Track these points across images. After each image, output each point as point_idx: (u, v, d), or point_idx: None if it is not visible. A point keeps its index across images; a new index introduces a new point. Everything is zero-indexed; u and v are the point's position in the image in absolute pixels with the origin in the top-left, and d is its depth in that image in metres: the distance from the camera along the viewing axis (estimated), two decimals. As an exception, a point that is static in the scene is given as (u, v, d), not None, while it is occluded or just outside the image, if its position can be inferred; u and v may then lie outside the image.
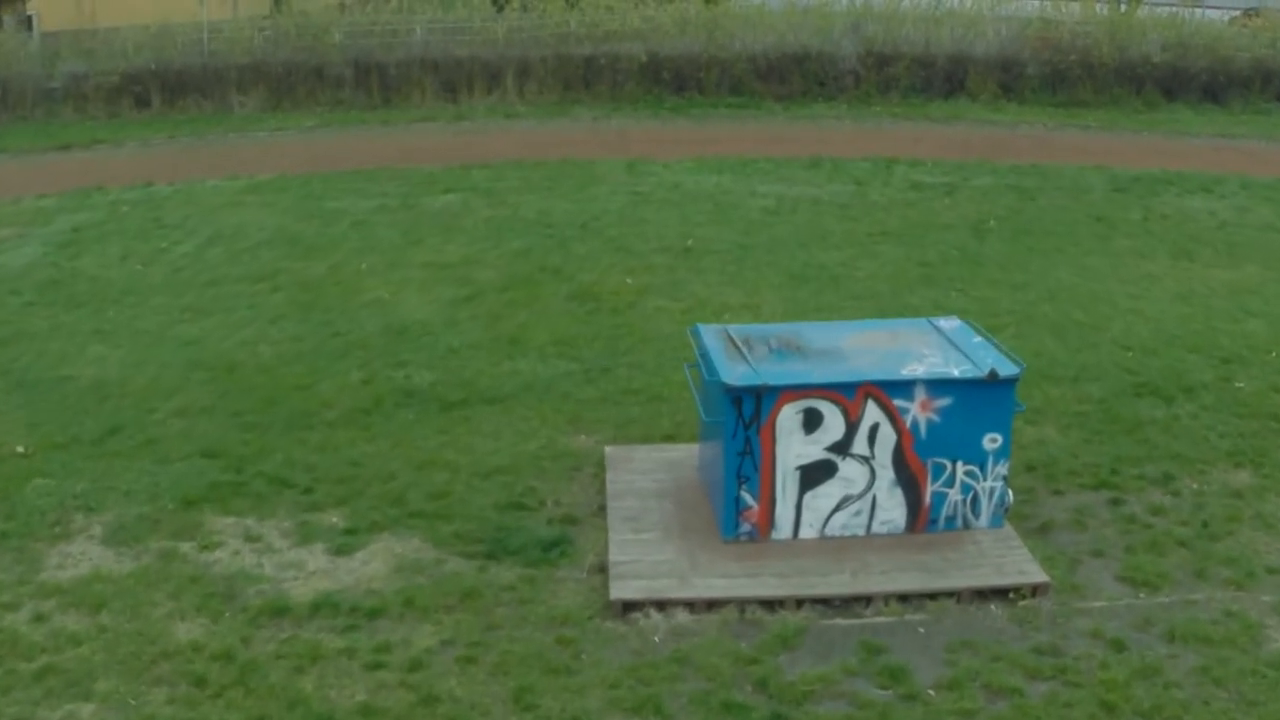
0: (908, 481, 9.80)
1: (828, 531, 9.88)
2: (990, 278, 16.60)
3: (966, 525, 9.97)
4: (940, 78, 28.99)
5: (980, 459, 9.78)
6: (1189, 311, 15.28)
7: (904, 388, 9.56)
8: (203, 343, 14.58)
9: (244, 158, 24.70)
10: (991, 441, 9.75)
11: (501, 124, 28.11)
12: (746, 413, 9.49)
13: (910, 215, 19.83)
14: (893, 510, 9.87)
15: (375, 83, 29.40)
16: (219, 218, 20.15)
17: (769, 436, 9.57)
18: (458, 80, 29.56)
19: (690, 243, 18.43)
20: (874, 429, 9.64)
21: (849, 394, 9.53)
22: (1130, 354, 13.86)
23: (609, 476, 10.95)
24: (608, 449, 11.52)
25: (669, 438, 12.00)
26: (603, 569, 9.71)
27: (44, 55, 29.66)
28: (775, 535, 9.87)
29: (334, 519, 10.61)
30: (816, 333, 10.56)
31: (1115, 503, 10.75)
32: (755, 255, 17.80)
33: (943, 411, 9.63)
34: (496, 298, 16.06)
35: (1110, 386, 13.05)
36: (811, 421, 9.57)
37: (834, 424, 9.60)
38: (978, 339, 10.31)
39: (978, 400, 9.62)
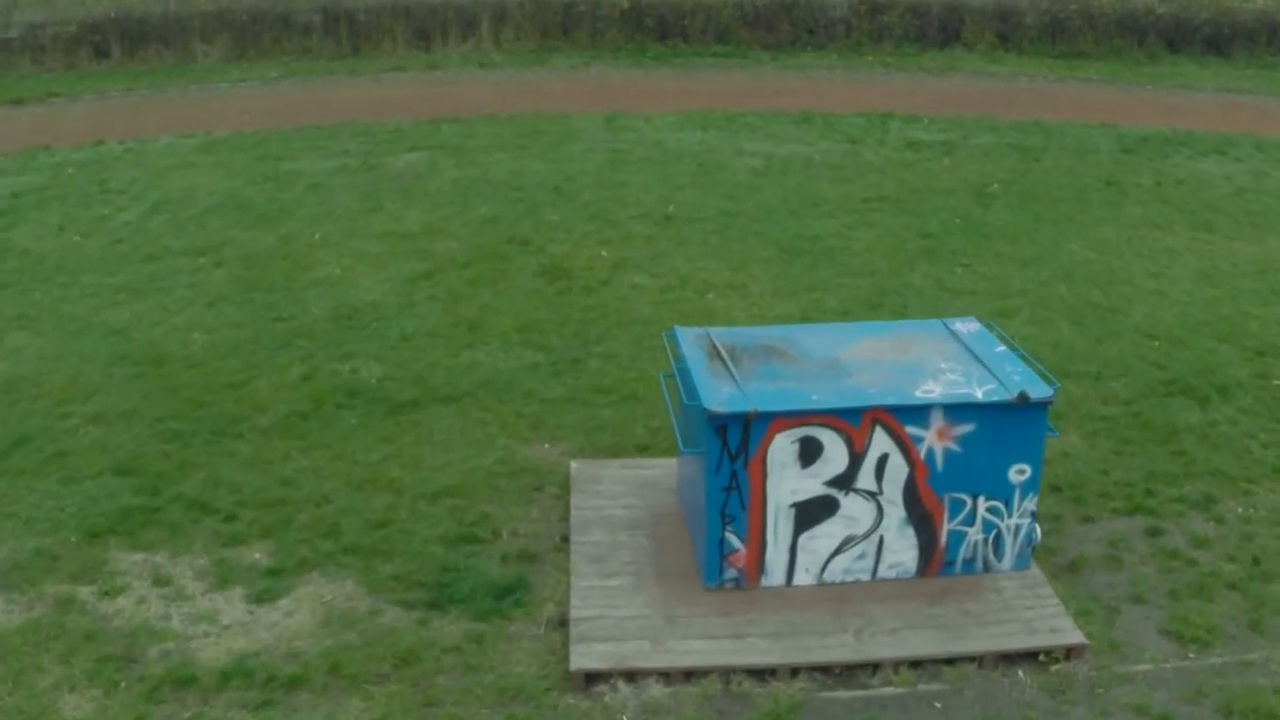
0: (921, 520, 8.17)
1: (827, 577, 8.26)
2: (997, 251, 14.91)
3: (987, 568, 8.36)
4: (935, 26, 27.11)
5: (1005, 493, 8.16)
6: (1215, 294, 13.62)
7: (919, 413, 7.91)
8: (132, 331, 12.85)
9: (203, 112, 22.83)
10: (1019, 473, 8.12)
11: (476, 74, 26.20)
12: (733, 443, 7.83)
13: (908, 178, 18.10)
14: (903, 552, 8.25)
15: (344, 30, 27.43)
16: (168, 181, 18.34)
17: (759, 470, 7.92)
18: (431, 27, 27.60)
19: (671, 209, 16.72)
20: (882, 460, 8.00)
21: (854, 420, 7.88)
22: (1156, 344, 12.21)
23: (574, 501, 9.30)
24: (573, 465, 9.86)
25: (643, 449, 10.35)
26: (563, 623, 8.08)
27: (1, 4, 27.61)
28: (766, 582, 8.25)
29: (257, 554, 8.96)
30: (814, 339, 8.87)
31: (1153, 532, 9.15)
32: (741, 224, 16.08)
33: (963, 440, 7.99)
34: (458, 275, 14.33)
35: (1137, 384, 11.40)
36: (809, 452, 7.92)
37: (836, 455, 7.95)
38: (1000, 348, 8.64)
39: (1005, 427, 7.98)
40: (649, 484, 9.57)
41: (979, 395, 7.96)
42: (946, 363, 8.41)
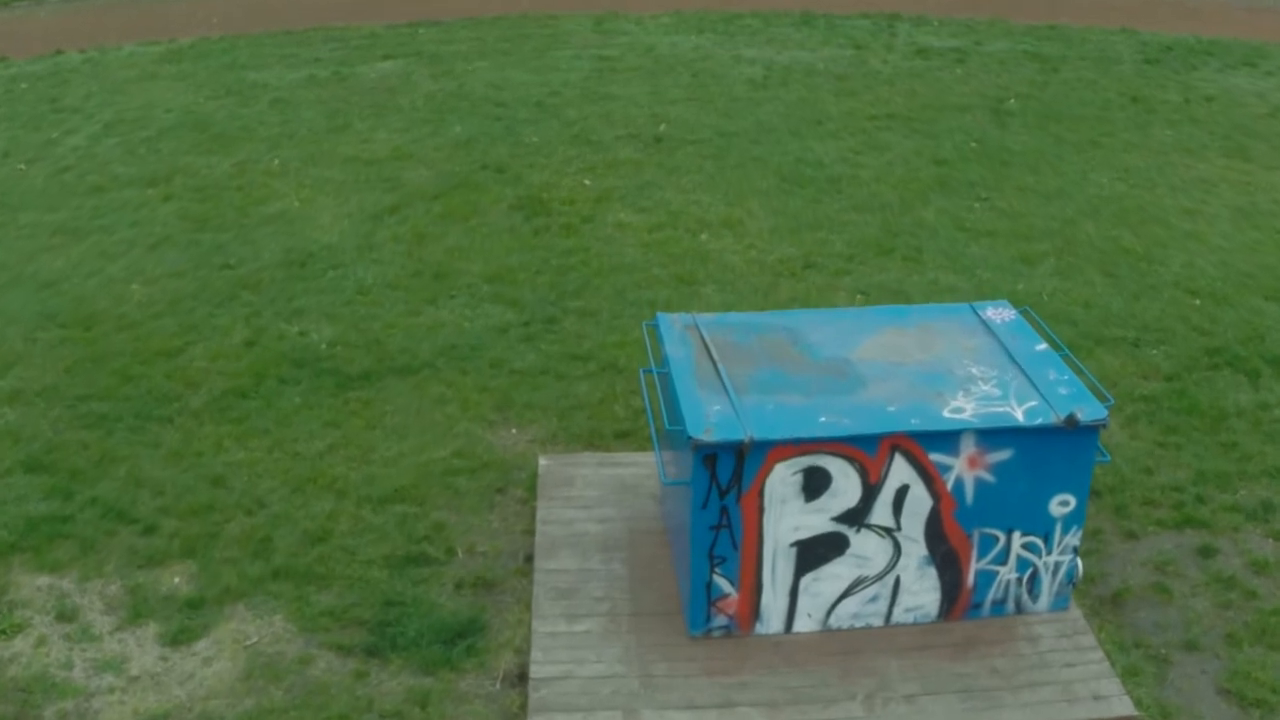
0: (945, 558, 6.72)
1: (833, 623, 6.84)
2: (1018, 182, 13.25)
3: (1020, 609, 6.94)
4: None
5: (1045, 527, 6.71)
6: (1257, 237, 12.02)
7: (947, 439, 6.42)
8: (64, 284, 11.29)
9: (171, 15, 20.94)
10: (1062, 505, 6.66)
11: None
12: (723, 476, 6.35)
13: (918, 91, 16.35)
14: (923, 594, 6.82)
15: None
16: (124, 96, 16.61)
17: (754, 505, 6.45)
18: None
19: (662, 128, 15.05)
20: (902, 492, 6.53)
21: (869, 448, 6.39)
22: (1197, 303, 10.66)
23: (540, 512, 7.85)
24: (542, 462, 8.39)
25: (623, 436, 8.87)
26: (522, 677, 6.68)
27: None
28: (761, 629, 6.83)
29: (177, 579, 7.55)
30: (821, 330, 7.34)
31: (1205, 552, 7.71)
32: (739, 147, 14.40)
33: (999, 468, 6.51)
34: (425, 209, 12.71)
35: (1180, 354, 9.87)
36: (815, 484, 6.44)
37: (846, 487, 6.47)
38: (1040, 346, 7.12)
39: (1048, 452, 6.50)
40: (627, 488, 8.10)
41: (1019, 416, 6.45)
42: (979, 366, 6.89)
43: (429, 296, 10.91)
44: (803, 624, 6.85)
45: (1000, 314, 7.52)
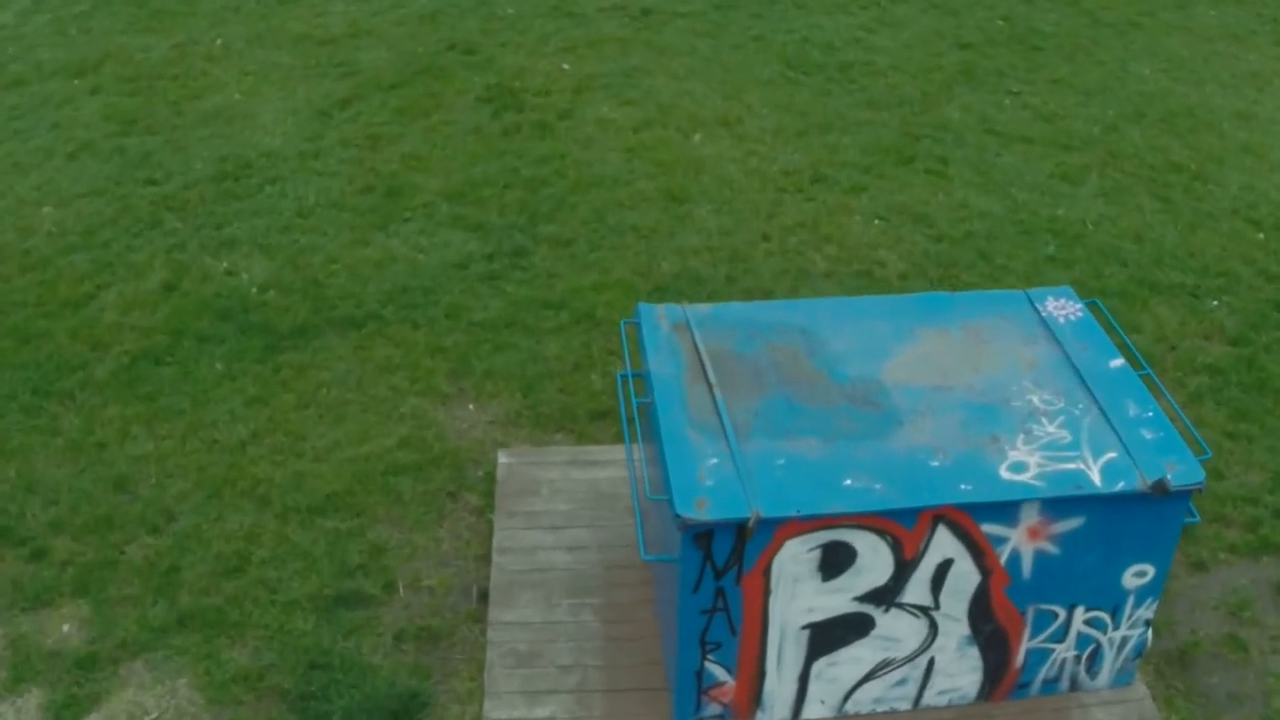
0: (991, 638, 5.28)
1: (851, 708, 5.41)
2: (1052, 73, 11.43)
3: (1075, 686, 5.50)
4: None
5: (1114, 601, 5.27)
6: (1323, 146, 10.26)
7: (1005, 510, 4.88)
8: (-40, 201, 9.53)
9: None
10: (1138, 576, 5.19)
11: None
12: (720, 555, 4.86)
13: (933, -47, 14.23)
14: (961, 676, 5.39)
15: None
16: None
17: (758, 586, 4.98)
18: None
19: (653, -7, 13.01)
20: (943, 568, 5.06)
21: (907, 522, 4.86)
22: (1261, 237, 9.03)
23: (497, 536, 6.38)
24: (502, 460, 6.87)
25: (599, 416, 7.33)
26: (472, 778, 5.29)
27: None
28: (763, 718, 5.38)
29: (66, 626, 6.13)
30: (844, 330, 5.76)
31: (1290, 587, 6.26)
32: (738, 22, 12.47)
33: (1065, 539, 5.02)
34: (381, 103, 10.89)
35: (1246, 306, 8.30)
36: (835, 561, 4.96)
37: (875, 563, 5.00)
38: (1115, 362, 5.56)
39: (1127, 520, 4.99)
40: (603, 497, 6.61)
41: (1096, 478, 4.92)
42: (1042, 392, 5.33)
43: (379, 219, 9.22)
44: (814, 710, 5.43)
45: (1063, 308, 5.90)
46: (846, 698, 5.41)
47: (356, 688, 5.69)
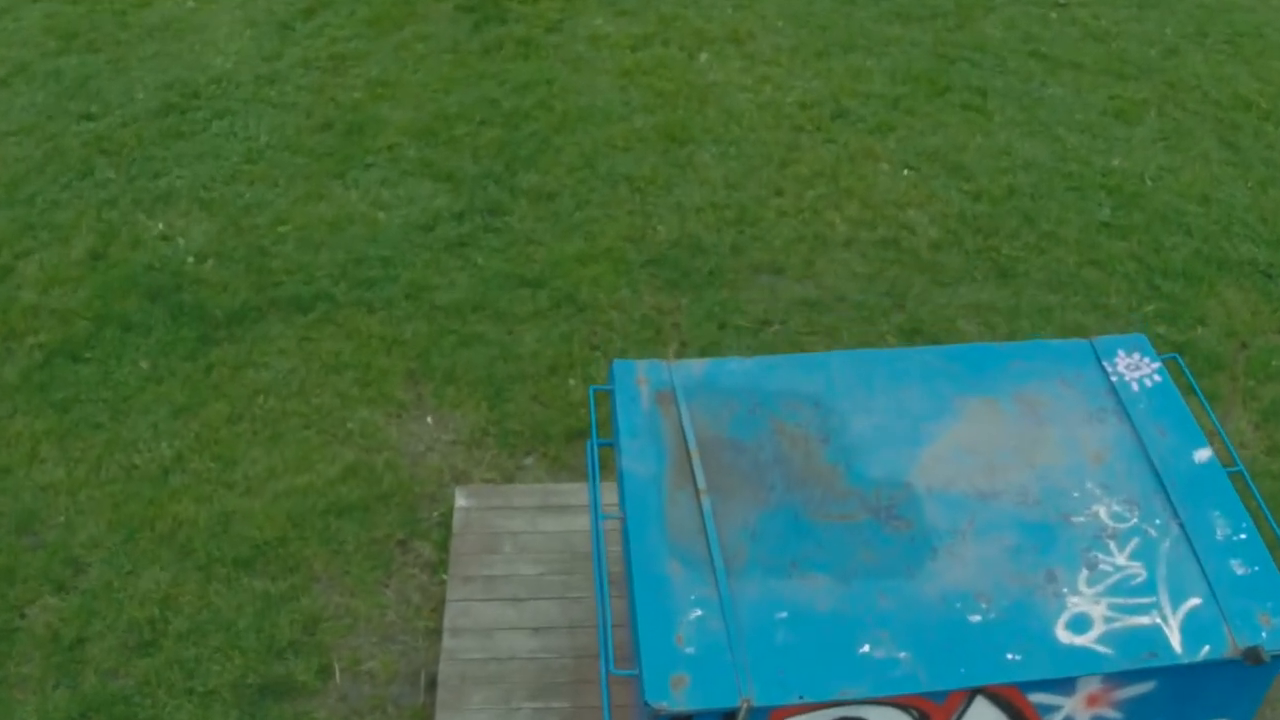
0: (1033, 802, 4.17)
1: None
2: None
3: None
4: None
5: (1188, 761, 4.13)
6: None
7: (1060, 683, 3.75)
8: None
9: None
10: (1220, 733, 4.06)
11: None
12: (701, 742, 3.74)
13: None
14: (995, 839, 4.29)
15: None
16: None
17: (748, 766, 3.85)
18: None
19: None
20: (977, 738, 3.91)
21: (937, 697, 3.73)
22: (1350, 197, 7.62)
23: (449, 611, 5.28)
24: (459, 501, 5.74)
25: (577, 435, 6.17)
26: None
27: None
28: None
29: (-63, 724, 5.06)
30: (869, 404, 4.52)
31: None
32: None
33: (1130, 704, 3.88)
34: (350, 12, 9.46)
35: (1331, 290, 6.98)
36: (844, 736, 3.83)
37: (892, 736, 3.86)
38: (1203, 455, 4.33)
39: (1207, 684, 3.84)
40: (577, 557, 5.49)
41: (1175, 641, 3.76)
42: (1110, 500, 4.18)
43: (337, 165, 7.92)
44: None
45: (1136, 368, 4.66)
46: None
47: (276, 821, 4.66)
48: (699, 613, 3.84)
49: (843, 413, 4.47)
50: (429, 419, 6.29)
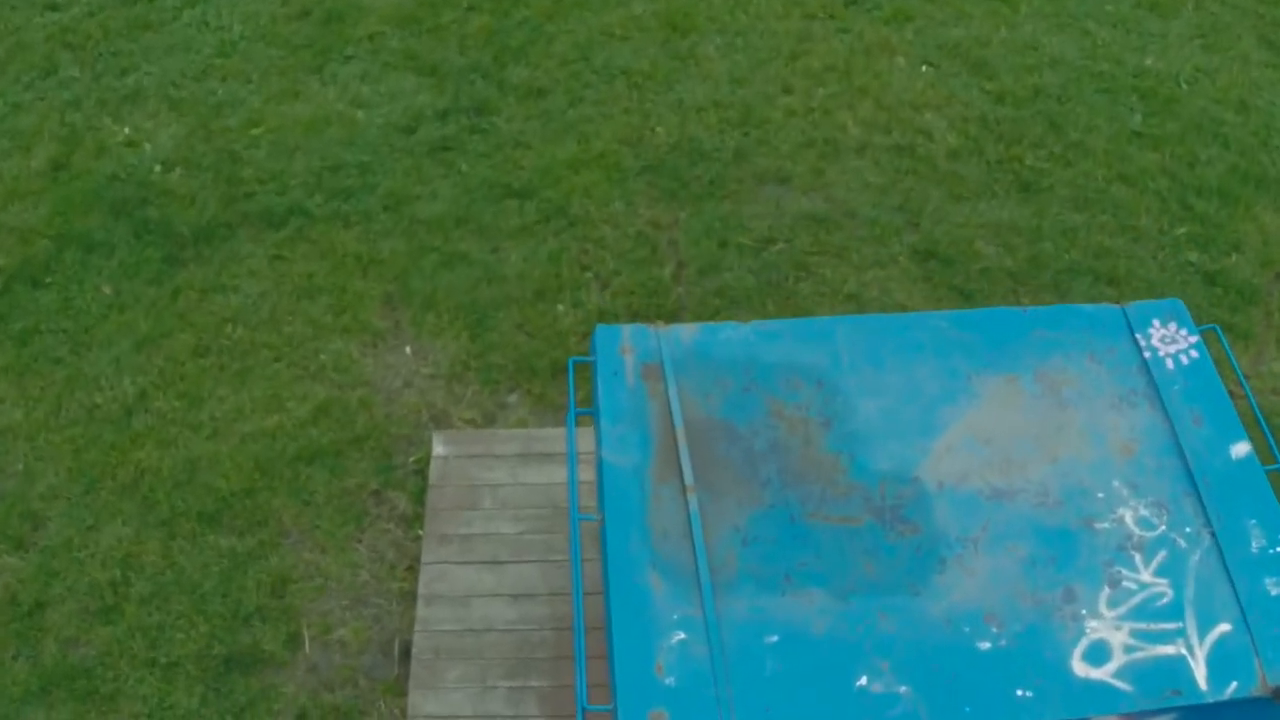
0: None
1: None
2: None
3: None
4: None
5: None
6: None
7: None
8: None
9: None
10: (1244, 759, 3.71)
11: None
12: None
13: None
14: None
15: None
16: None
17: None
18: None
19: None
20: (983, 764, 3.57)
21: (937, 729, 3.38)
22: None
23: (424, 571, 4.94)
24: (437, 450, 5.32)
25: (564, 370, 5.70)
26: None
27: None
28: None
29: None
30: (877, 381, 4.06)
31: None
32: None
33: (1152, 732, 3.51)
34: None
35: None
36: (837, 766, 3.48)
37: (890, 765, 3.52)
38: (1241, 449, 3.89)
39: (1229, 715, 3.47)
40: (559, 513, 5.11)
41: (1200, 676, 3.39)
42: (1138, 501, 3.76)
43: (314, 58, 7.30)
44: None
45: (1172, 341, 4.17)
46: None
47: (241, 807, 4.37)
48: (681, 636, 3.46)
49: (847, 392, 4.01)
50: (407, 349, 5.83)
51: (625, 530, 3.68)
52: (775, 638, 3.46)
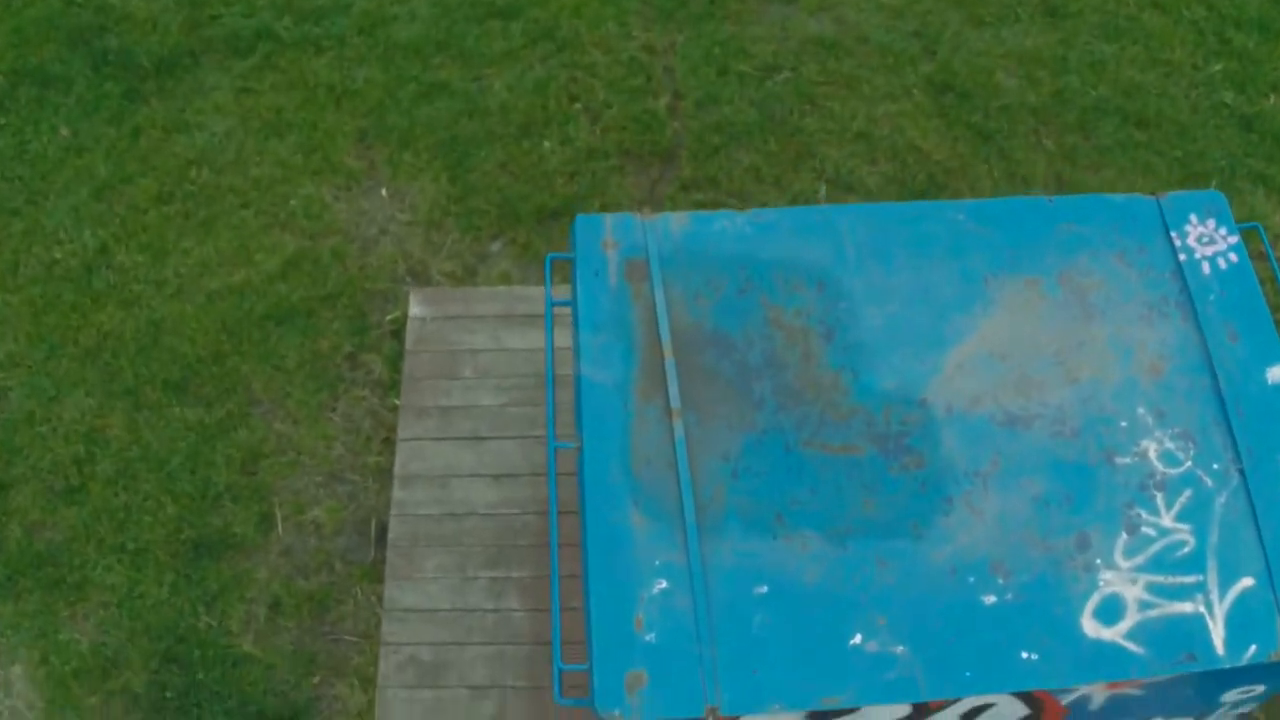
0: (1036, 749, 3.65)
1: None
2: None
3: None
4: None
5: (1206, 710, 3.59)
6: None
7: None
8: None
9: None
10: (1243, 693, 3.51)
11: None
12: (660, 729, 3.16)
13: None
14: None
15: None
16: None
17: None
18: None
19: None
20: (975, 712, 3.33)
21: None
22: None
23: (401, 448, 4.63)
24: (414, 310, 4.93)
25: (551, 215, 5.28)
26: None
27: None
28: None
29: None
30: (883, 285, 3.63)
31: None
32: None
33: (1156, 685, 3.25)
34: None
35: None
36: (832, 715, 3.25)
37: (884, 713, 3.28)
38: (1276, 370, 3.46)
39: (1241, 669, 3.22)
40: (542, 382, 4.75)
41: (1218, 638, 3.10)
42: (1163, 432, 3.37)
43: None
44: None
45: (1210, 242, 3.70)
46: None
47: (221, 696, 4.18)
48: (663, 584, 3.14)
49: (852, 296, 3.56)
50: (383, 191, 5.34)
51: (605, 460, 3.30)
52: (764, 588, 3.13)
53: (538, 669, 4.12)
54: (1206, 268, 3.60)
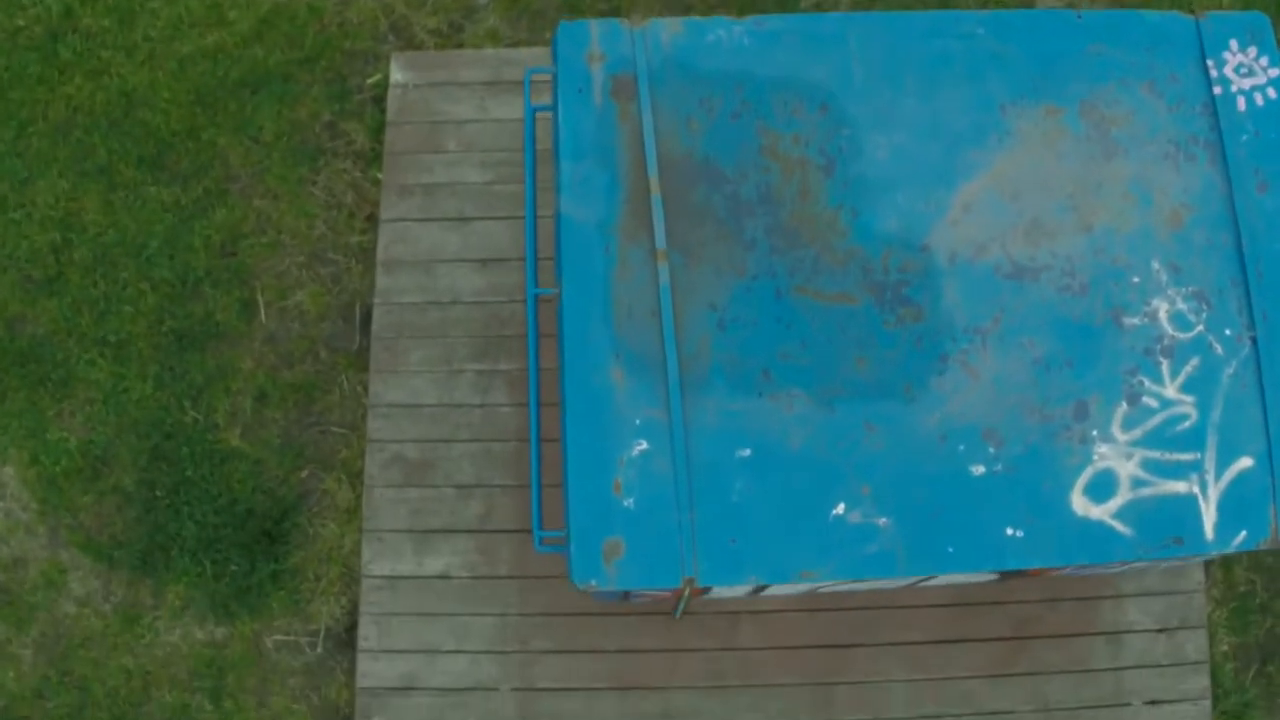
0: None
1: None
2: None
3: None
4: None
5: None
6: None
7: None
8: None
9: None
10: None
11: None
12: (639, 586, 3.14)
13: None
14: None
15: None
16: None
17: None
18: None
19: None
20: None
21: (911, 557, 3.08)
22: None
23: (383, 229, 4.42)
24: (395, 75, 4.57)
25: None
26: (351, 635, 4.12)
27: None
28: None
29: None
30: (891, 109, 3.26)
31: None
32: None
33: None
34: None
35: None
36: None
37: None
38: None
39: None
40: (540, 153, 4.43)
41: (1208, 522, 3.03)
42: (1176, 291, 3.14)
43: None
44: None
45: (1249, 71, 3.31)
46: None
47: (211, 494, 4.16)
48: (644, 445, 2.99)
49: (856, 122, 3.22)
50: (359, -57, 4.79)
51: (585, 308, 3.07)
52: (747, 451, 2.98)
53: (525, 467, 4.04)
54: (1242, 103, 3.22)
